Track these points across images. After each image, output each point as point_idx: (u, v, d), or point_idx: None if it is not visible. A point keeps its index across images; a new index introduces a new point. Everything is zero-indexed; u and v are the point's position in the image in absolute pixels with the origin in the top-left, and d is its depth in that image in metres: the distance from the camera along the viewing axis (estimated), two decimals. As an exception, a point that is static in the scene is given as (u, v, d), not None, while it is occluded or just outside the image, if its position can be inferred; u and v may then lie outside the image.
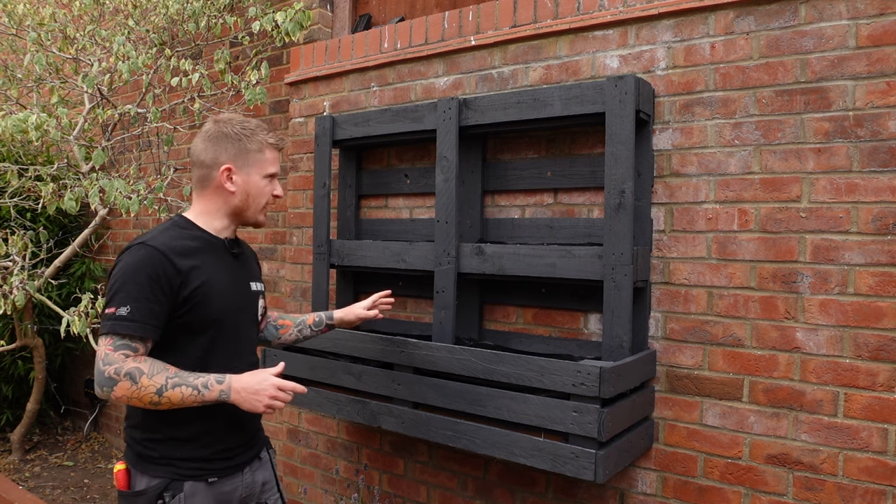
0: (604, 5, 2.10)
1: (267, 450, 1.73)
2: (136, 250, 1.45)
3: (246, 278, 1.66)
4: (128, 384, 1.36)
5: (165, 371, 1.39)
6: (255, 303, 1.68)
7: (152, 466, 1.48)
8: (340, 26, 3.16)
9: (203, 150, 1.57)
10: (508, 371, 1.85)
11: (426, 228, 2.51)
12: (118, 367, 1.37)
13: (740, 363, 1.89)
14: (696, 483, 1.95)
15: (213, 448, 1.53)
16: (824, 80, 1.78)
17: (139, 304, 1.39)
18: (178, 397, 1.38)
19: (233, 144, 1.55)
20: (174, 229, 1.53)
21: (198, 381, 1.40)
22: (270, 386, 1.43)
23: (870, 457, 1.71)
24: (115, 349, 1.38)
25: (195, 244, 1.52)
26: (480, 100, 2.17)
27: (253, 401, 1.42)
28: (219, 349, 1.53)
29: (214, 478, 1.52)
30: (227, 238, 1.61)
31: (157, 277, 1.41)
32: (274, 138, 1.60)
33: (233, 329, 1.56)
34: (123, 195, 2.84)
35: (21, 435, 4.01)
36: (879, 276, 1.71)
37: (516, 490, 2.29)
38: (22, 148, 3.82)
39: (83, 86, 3.05)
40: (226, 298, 1.53)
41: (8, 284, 3.04)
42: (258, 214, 1.61)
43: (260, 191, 1.58)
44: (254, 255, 1.81)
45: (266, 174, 1.59)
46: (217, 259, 1.56)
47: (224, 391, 1.41)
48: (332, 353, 2.28)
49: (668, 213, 2.01)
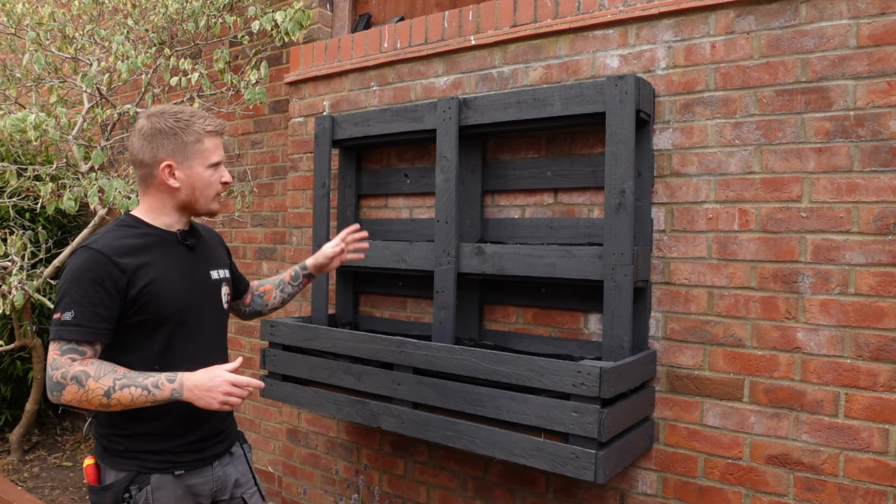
0: (604, 5, 2.10)
1: (240, 444, 1.71)
2: (80, 254, 1.44)
3: (205, 268, 1.63)
4: (75, 388, 1.36)
5: (113, 373, 1.38)
6: (217, 291, 1.65)
7: (119, 460, 1.48)
8: (340, 26, 3.15)
9: (140, 148, 1.52)
10: (508, 371, 1.85)
11: (426, 228, 2.51)
12: (65, 371, 1.36)
13: (741, 363, 1.88)
14: (697, 483, 1.95)
15: (179, 441, 1.51)
16: (825, 80, 1.78)
17: (83, 309, 1.38)
18: (127, 398, 1.36)
19: (169, 139, 1.50)
20: (119, 229, 1.51)
21: (147, 381, 1.38)
22: (223, 382, 1.39)
23: (871, 457, 1.71)
24: (62, 353, 1.38)
25: (142, 241, 1.50)
26: (480, 99, 2.16)
27: (207, 398, 1.39)
28: (178, 344, 1.51)
29: (181, 470, 1.51)
30: (180, 230, 1.58)
31: (101, 280, 1.40)
32: (213, 125, 1.54)
33: (192, 323, 1.54)
34: (123, 195, 2.84)
35: (20, 435, 4.00)
36: (880, 276, 1.70)
37: (516, 490, 2.29)
38: (21, 148, 3.82)
39: (82, 85, 3.04)
40: (179, 293, 1.51)
41: (7, 284, 3.03)
42: (210, 204, 1.57)
43: (206, 182, 1.54)
44: (218, 240, 1.77)
45: (209, 164, 1.53)
46: (168, 253, 1.53)
47: (176, 390, 1.39)
48: (332, 354, 2.28)
49: (668, 213, 2.01)
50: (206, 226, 1.79)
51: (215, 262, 1.68)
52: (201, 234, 1.68)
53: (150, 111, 1.56)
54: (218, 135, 1.56)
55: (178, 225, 1.58)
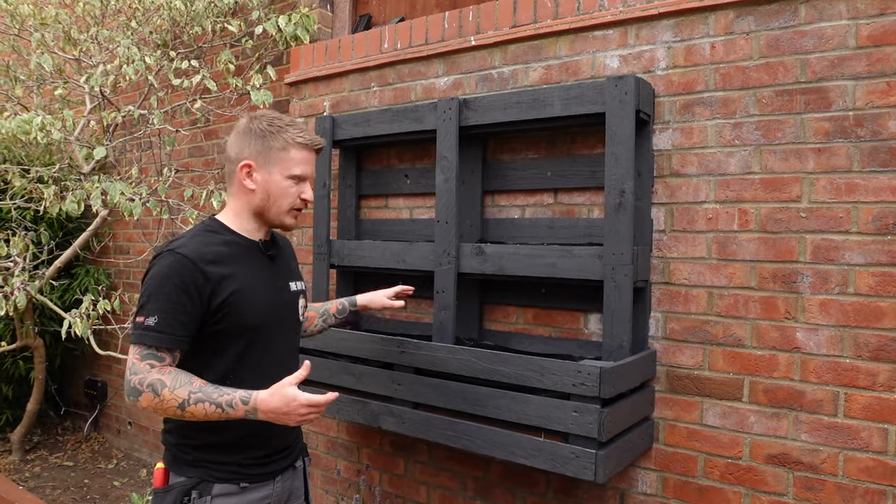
0: (604, 5, 2.11)
1: (303, 458, 1.68)
2: (166, 258, 1.42)
3: (285, 279, 1.60)
4: (150, 396, 1.35)
5: (189, 385, 1.36)
6: (296, 304, 1.63)
7: (187, 468, 1.47)
8: (340, 26, 3.16)
9: (231, 144, 1.53)
10: (508, 371, 1.85)
11: (426, 228, 2.51)
12: (142, 377, 1.35)
13: (740, 363, 1.89)
14: (697, 483, 1.95)
15: (247, 454, 1.49)
16: (824, 80, 1.78)
17: (166, 315, 1.37)
18: (201, 413, 1.35)
19: (258, 140, 1.49)
20: (205, 234, 1.49)
21: (222, 399, 1.35)
22: (298, 406, 1.35)
23: (870, 457, 1.71)
24: (142, 359, 1.37)
25: (227, 250, 1.48)
26: (480, 100, 2.17)
27: (283, 420, 1.37)
28: (254, 355, 1.48)
29: (246, 483, 1.48)
30: (262, 239, 1.55)
31: (186, 287, 1.38)
32: (304, 137, 1.50)
33: (270, 335, 1.51)
34: (126, 197, 2.84)
35: (21, 435, 4.01)
36: (879, 276, 1.70)
37: (516, 490, 2.29)
38: (24, 149, 3.83)
39: (86, 87, 3.05)
40: (261, 305, 1.49)
41: (9, 285, 3.04)
42: (283, 216, 1.52)
43: (283, 191, 1.50)
44: (291, 250, 1.74)
45: (290, 175, 1.50)
46: (251, 263, 1.51)
47: (250, 412, 1.36)
48: (333, 354, 2.28)
49: (668, 213, 2.01)
50: (282, 236, 1.76)
51: (293, 274, 1.66)
52: (280, 245, 1.66)
53: (254, 113, 1.55)
54: (309, 150, 1.52)
55: (259, 233, 1.55)
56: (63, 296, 4.08)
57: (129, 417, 4.21)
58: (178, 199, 3.46)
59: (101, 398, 4.39)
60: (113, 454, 4.17)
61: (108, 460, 4.07)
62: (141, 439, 4.10)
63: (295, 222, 1.56)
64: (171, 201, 3.24)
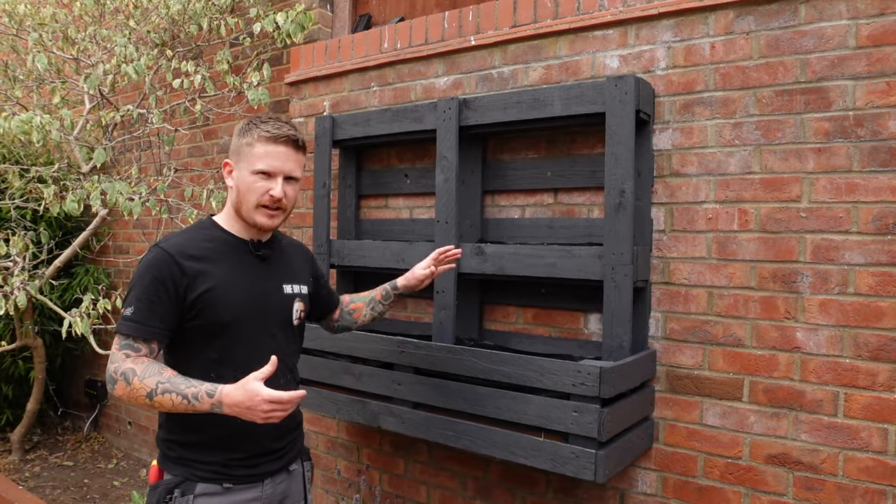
0: (604, 5, 2.11)
1: (301, 462, 1.66)
2: (150, 252, 1.46)
3: (277, 280, 1.58)
4: (123, 384, 1.36)
5: (158, 375, 1.36)
6: (288, 306, 1.59)
7: (172, 465, 1.48)
8: (340, 26, 3.16)
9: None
10: (508, 371, 1.85)
11: (426, 228, 2.51)
12: (117, 366, 1.38)
13: (740, 363, 1.89)
14: (696, 483, 1.95)
15: (230, 455, 1.48)
16: (824, 80, 1.78)
17: (142, 305, 1.40)
18: (168, 403, 1.35)
19: (236, 139, 1.52)
20: (194, 231, 1.53)
21: (189, 391, 1.34)
22: (261, 402, 1.31)
23: (870, 457, 1.71)
24: (120, 349, 1.40)
25: (212, 246, 1.49)
26: (480, 100, 2.17)
27: (248, 415, 1.34)
28: (235, 354, 1.48)
29: (230, 484, 1.47)
30: (253, 239, 1.55)
31: (164, 279, 1.40)
32: (269, 131, 1.46)
33: (251, 334, 1.50)
34: (125, 197, 2.84)
35: (21, 435, 4.01)
36: (879, 276, 1.71)
37: (516, 490, 2.29)
38: (23, 149, 3.82)
39: (84, 86, 3.05)
40: (237, 303, 1.48)
41: (9, 285, 3.04)
42: (252, 213, 1.49)
43: (248, 187, 1.47)
44: (302, 257, 1.72)
45: (254, 170, 1.46)
46: (236, 262, 1.51)
47: (216, 405, 1.34)
48: (333, 353, 2.28)
49: (668, 213, 2.01)
50: (296, 241, 1.76)
51: (291, 277, 1.63)
52: (282, 246, 1.64)
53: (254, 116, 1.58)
54: (275, 143, 1.47)
55: (249, 232, 1.54)
56: (63, 295, 4.08)
57: (128, 417, 4.21)
58: (178, 198, 3.46)
59: (101, 398, 4.39)
60: (113, 454, 4.17)
61: (108, 460, 4.07)
62: (141, 439, 4.10)
63: (269, 221, 1.50)
64: (170, 200, 3.24)
